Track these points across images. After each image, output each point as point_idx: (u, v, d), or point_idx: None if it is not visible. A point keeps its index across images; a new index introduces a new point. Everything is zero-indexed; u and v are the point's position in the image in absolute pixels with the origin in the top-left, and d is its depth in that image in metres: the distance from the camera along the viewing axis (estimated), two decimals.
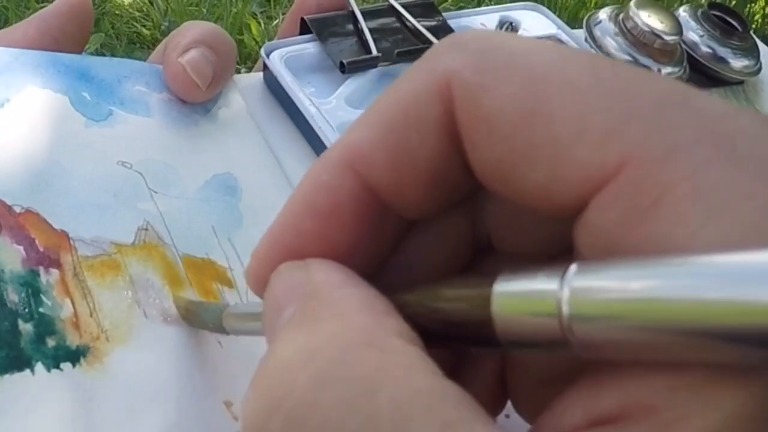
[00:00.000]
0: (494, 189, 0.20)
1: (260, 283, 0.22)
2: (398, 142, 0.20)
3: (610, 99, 0.18)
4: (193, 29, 0.42)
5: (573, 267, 0.17)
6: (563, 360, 0.20)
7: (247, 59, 1.65)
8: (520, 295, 0.18)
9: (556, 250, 0.21)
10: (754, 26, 1.97)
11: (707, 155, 0.17)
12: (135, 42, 1.72)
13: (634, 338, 0.16)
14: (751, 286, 0.14)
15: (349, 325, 0.18)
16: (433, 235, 0.23)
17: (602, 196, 0.17)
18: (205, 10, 1.77)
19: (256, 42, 1.68)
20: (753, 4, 2.03)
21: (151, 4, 1.80)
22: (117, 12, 1.76)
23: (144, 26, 1.75)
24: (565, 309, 0.17)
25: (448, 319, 0.20)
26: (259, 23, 1.75)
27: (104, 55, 1.54)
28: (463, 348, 0.22)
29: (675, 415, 0.16)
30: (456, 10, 0.55)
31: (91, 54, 1.45)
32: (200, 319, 0.33)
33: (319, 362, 0.17)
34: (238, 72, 0.49)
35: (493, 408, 0.23)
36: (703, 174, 0.16)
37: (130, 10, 1.78)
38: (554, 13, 0.60)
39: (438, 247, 0.23)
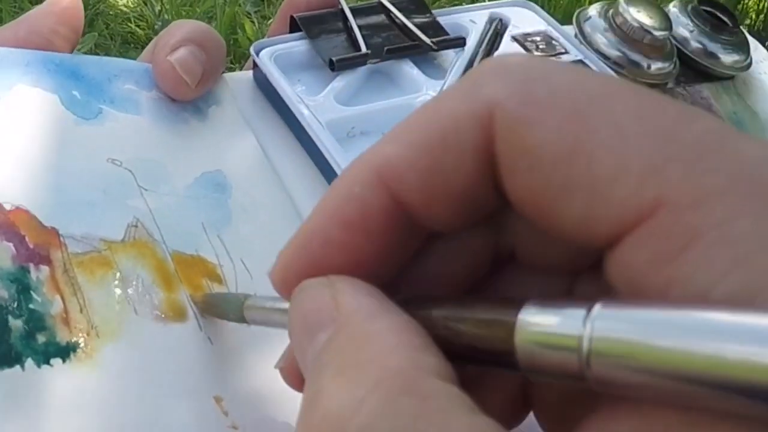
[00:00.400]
0: (529, 216, 0.20)
1: (285, 286, 0.23)
2: (433, 163, 0.20)
3: (650, 139, 0.18)
4: (182, 28, 0.42)
5: (598, 305, 0.17)
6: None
7: (242, 59, 1.65)
8: (544, 327, 0.18)
9: (580, 265, 0.22)
10: (747, 22, 1.98)
11: (740, 203, 0.17)
12: (129, 42, 1.72)
13: (645, 381, 0.17)
14: (755, 345, 0.15)
15: (387, 370, 0.18)
16: (456, 246, 0.23)
17: (635, 235, 0.18)
18: (198, 10, 1.77)
19: (250, 41, 1.68)
20: (746, 0, 2.03)
21: (145, 4, 1.80)
22: (111, 12, 1.76)
23: (138, 26, 1.75)
24: (585, 345, 0.17)
25: (472, 343, 0.20)
26: (253, 23, 1.75)
27: (98, 54, 1.54)
28: (483, 366, 0.22)
29: None
30: (449, 7, 0.56)
31: (85, 54, 1.45)
32: (220, 310, 0.33)
33: (364, 415, 0.18)
34: (232, 71, 0.50)
35: (514, 418, 0.24)
36: (733, 222, 0.17)
37: (125, 9, 1.78)
38: (547, 10, 0.60)
39: (459, 259, 0.23)
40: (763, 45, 0.67)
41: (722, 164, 0.18)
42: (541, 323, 0.18)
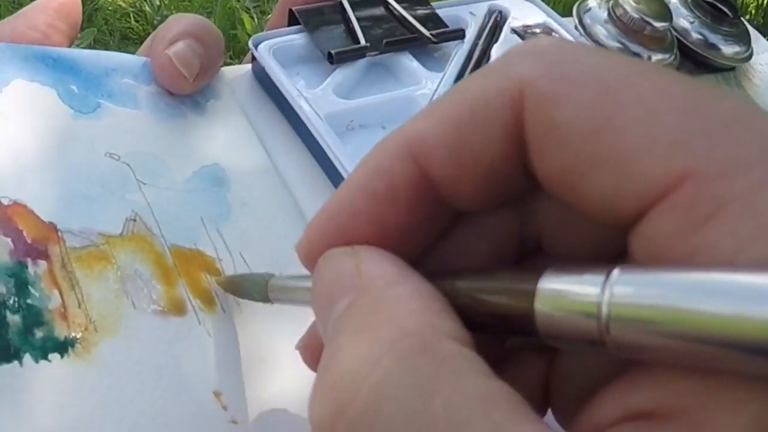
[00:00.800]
0: (557, 194, 0.21)
1: (311, 258, 0.23)
2: (461, 139, 0.21)
3: (677, 114, 0.18)
4: (179, 21, 0.42)
5: (616, 271, 0.18)
6: (609, 372, 0.20)
7: (241, 54, 1.64)
8: (563, 292, 0.19)
9: (606, 255, 0.22)
10: (747, 18, 1.97)
11: (765, 175, 0.17)
12: (128, 38, 1.71)
13: (667, 344, 0.17)
14: None
15: (404, 331, 0.18)
16: (481, 227, 0.23)
17: (661, 207, 0.18)
18: (197, 5, 1.77)
19: (250, 36, 1.67)
20: None
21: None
22: (110, 8, 1.76)
23: (137, 22, 1.75)
24: (605, 310, 0.17)
25: (493, 310, 0.20)
26: (252, 18, 1.75)
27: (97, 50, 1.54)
28: (503, 337, 0.23)
29: (704, 416, 0.17)
30: None
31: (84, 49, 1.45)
32: (244, 290, 0.33)
33: (378, 373, 0.18)
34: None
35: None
36: (758, 192, 0.17)
37: (123, 5, 1.77)
38: (547, 2, 0.60)
39: (484, 241, 0.23)
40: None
41: (747, 137, 0.18)
42: (560, 289, 0.19)
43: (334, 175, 0.44)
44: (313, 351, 0.24)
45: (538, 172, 0.21)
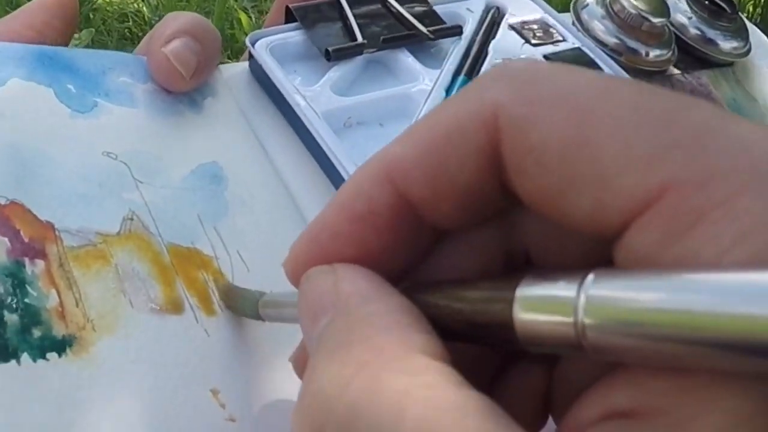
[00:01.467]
0: (539, 211, 0.21)
1: (296, 277, 0.24)
2: (437, 162, 0.21)
3: (651, 128, 0.19)
4: (176, 19, 0.42)
5: (591, 275, 0.18)
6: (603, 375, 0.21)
7: (238, 54, 1.64)
8: (540, 299, 0.19)
9: (595, 263, 0.22)
10: (746, 16, 1.97)
11: (742, 182, 0.18)
12: (126, 38, 1.71)
13: (642, 345, 0.17)
14: (752, 301, 0.16)
15: (376, 350, 0.19)
16: (464, 245, 0.24)
17: (643, 219, 0.19)
18: (195, 5, 1.77)
19: (247, 35, 1.67)
20: None
21: (142, 0, 1.80)
22: (108, 8, 1.76)
23: (135, 22, 1.75)
24: (581, 314, 0.18)
25: (472, 319, 0.21)
26: (249, 17, 1.75)
27: None
28: (486, 346, 0.23)
29: (682, 416, 0.17)
30: None
31: None
32: (237, 306, 0.34)
33: (352, 393, 0.18)
34: None
35: (535, 424, 0.24)
36: (736, 200, 0.17)
37: (121, 6, 1.77)
38: None
39: (468, 258, 0.24)
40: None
41: (723, 146, 0.18)
42: (536, 294, 0.19)
43: (331, 173, 0.44)
44: (303, 364, 0.25)
45: (518, 192, 0.21)
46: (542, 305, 0.19)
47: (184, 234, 0.36)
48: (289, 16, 0.51)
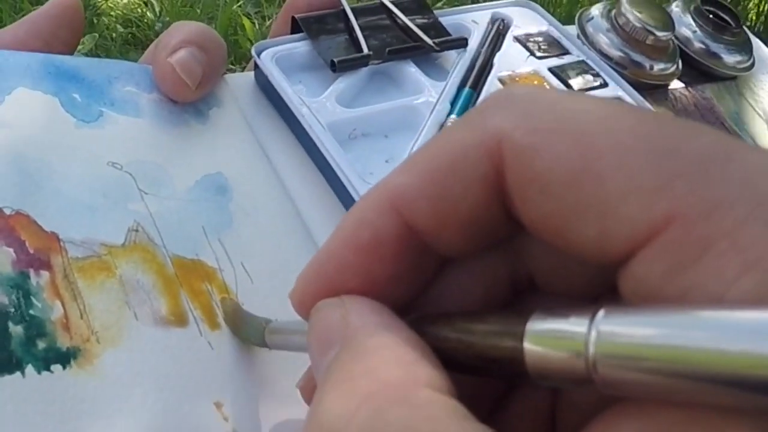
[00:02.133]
0: (543, 238, 0.21)
1: (303, 308, 0.24)
2: (441, 191, 0.21)
3: (655, 157, 0.19)
4: (182, 29, 0.42)
5: (601, 311, 0.18)
6: (610, 402, 0.21)
7: (242, 59, 1.64)
8: (551, 334, 0.19)
9: (600, 290, 0.22)
10: (748, 24, 1.97)
11: (747, 212, 0.18)
12: (129, 43, 1.71)
13: (652, 381, 0.17)
14: (753, 339, 0.16)
15: (380, 383, 0.19)
16: (470, 272, 0.24)
17: (649, 249, 0.19)
18: (199, 11, 1.77)
19: (251, 42, 1.68)
20: (747, 1, 2.03)
21: (146, 4, 1.80)
22: (112, 13, 1.76)
23: (139, 27, 1.75)
24: (591, 350, 0.18)
25: (481, 353, 0.21)
26: (253, 23, 1.75)
27: (98, 55, 1.54)
28: (493, 378, 0.23)
29: None
30: (451, 8, 0.55)
31: (86, 55, 1.45)
32: (243, 332, 0.34)
33: (355, 425, 0.18)
34: (233, 72, 0.49)
35: None
36: (742, 230, 0.17)
37: (125, 10, 1.77)
38: (549, 11, 0.60)
39: (473, 284, 0.24)
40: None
41: (728, 176, 0.18)
42: (547, 329, 0.19)
43: (336, 185, 0.44)
44: (311, 392, 0.25)
45: (522, 219, 0.21)
46: (553, 340, 0.19)
47: (189, 245, 0.36)
48: (295, 27, 0.51)
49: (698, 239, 0.18)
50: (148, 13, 1.77)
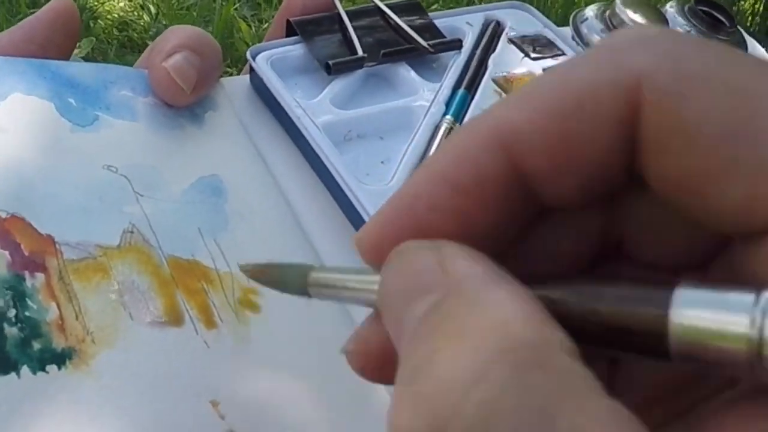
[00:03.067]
0: (669, 197, 0.19)
1: (378, 252, 0.20)
2: (564, 132, 0.19)
3: None
4: (177, 33, 0.42)
5: (767, 292, 0.16)
6: (676, 381, 0.19)
7: (238, 62, 1.65)
8: (706, 314, 0.17)
9: (691, 262, 0.21)
10: (746, 23, 1.98)
11: None
12: (126, 46, 1.72)
13: None
14: None
15: (515, 340, 0.16)
16: (565, 227, 0.21)
17: None
18: (195, 14, 1.77)
19: (247, 45, 1.68)
20: (743, 2, 2.03)
21: (142, 8, 1.80)
22: (108, 16, 1.76)
23: (135, 30, 1.75)
24: (756, 335, 0.16)
25: (611, 323, 0.18)
26: (249, 26, 1.75)
27: (95, 59, 1.54)
28: (613, 353, 0.20)
29: None
30: (445, 9, 0.56)
31: (82, 58, 1.45)
32: (278, 281, 0.30)
33: (487, 388, 0.16)
34: (230, 75, 0.50)
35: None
36: None
37: (121, 14, 1.78)
38: (543, 13, 0.60)
39: (565, 241, 0.21)
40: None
41: None
42: (702, 308, 0.17)
43: (332, 186, 0.44)
44: (367, 357, 0.21)
45: (650, 173, 0.19)
46: (709, 320, 0.17)
47: (185, 246, 0.37)
48: (290, 30, 0.52)
49: None
50: (144, 17, 1.77)
